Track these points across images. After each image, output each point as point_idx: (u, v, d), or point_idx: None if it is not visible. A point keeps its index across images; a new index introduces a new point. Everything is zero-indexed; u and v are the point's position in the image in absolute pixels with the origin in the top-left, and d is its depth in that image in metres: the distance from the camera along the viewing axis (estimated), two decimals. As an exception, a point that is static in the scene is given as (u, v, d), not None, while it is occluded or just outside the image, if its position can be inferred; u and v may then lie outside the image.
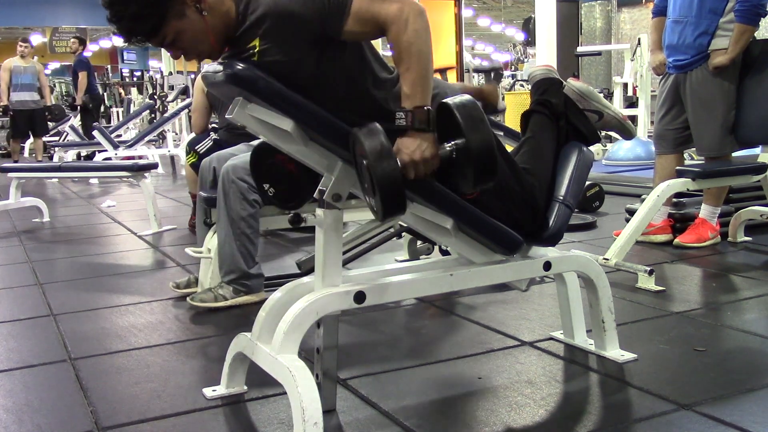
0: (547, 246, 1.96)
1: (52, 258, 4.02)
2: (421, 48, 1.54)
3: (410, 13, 1.54)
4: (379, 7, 1.55)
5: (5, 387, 2.09)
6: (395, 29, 1.54)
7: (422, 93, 1.54)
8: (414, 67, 1.54)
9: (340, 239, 1.70)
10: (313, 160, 1.64)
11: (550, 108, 2.07)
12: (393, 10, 1.54)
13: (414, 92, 1.54)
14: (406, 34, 1.53)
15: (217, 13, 1.60)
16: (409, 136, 1.53)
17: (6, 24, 20.73)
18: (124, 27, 1.57)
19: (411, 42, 1.53)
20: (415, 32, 1.53)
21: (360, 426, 1.74)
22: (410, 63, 1.54)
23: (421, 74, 1.54)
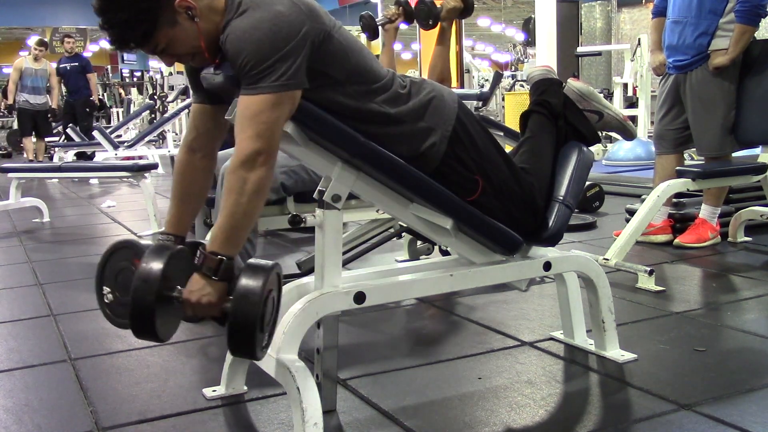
0: (547, 246, 1.96)
1: (52, 258, 4.02)
2: (241, 201, 1.46)
3: (264, 160, 1.46)
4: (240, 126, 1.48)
5: (5, 387, 2.09)
6: (235, 161, 1.47)
7: (224, 242, 1.49)
8: (226, 213, 1.48)
9: (340, 239, 1.70)
10: (312, 160, 1.64)
11: (549, 108, 2.07)
12: (241, 143, 1.47)
13: (215, 237, 1.49)
14: (233, 175, 1.46)
15: (208, 19, 1.57)
16: (197, 275, 1.49)
17: (6, 24, 20.74)
18: (116, 34, 1.55)
19: (232, 187, 1.47)
20: (241, 180, 1.46)
21: (360, 426, 1.74)
22: (225, 207, 1.48)
23: (229, 223, 1.48)
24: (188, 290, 1.48)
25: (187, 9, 1.54)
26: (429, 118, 1.71)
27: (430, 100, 1.73)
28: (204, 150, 1.76)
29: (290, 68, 1.48)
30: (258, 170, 1.47)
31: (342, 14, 17.02)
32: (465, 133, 1.75)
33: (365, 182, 1.68)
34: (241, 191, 1.47)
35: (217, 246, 1.49)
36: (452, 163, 1.73)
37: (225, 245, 1.49)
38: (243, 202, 1.47)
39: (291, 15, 1.50)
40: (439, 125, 1.71)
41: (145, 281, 1.43)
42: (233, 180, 1.47)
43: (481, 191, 1.76)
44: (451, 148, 1.72)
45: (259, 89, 1.47)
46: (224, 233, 1.49)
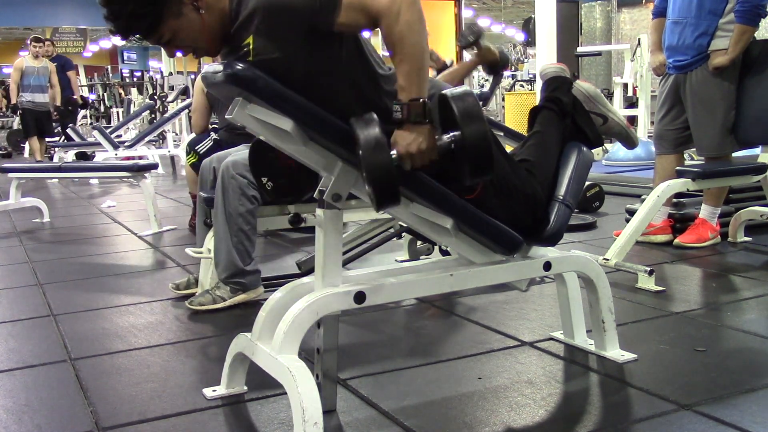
0: (547, 246, 1.96)
1: (52, 258, 4.02)
2: (414, 40, 1.52)
3: (402, 3, 1.51)
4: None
5: (5, 387, 2.09)
6: (387, 21, 1.52)
7: (418, 85, 1.53)
8: (407, 60, 1.52)
9: (340, 239, 1.70)
10: (312, 160, 1.64)
11: (560, 106, 2.08)
12: (385, 2, 1.51)
13: (409, 84, 1.53)
14: (398, 25, 1.51)
15: (213, 10, 1.59)
16: (405, 128, 1.53)
17: (6, 24, 20.73)
18: (122, 25, 1.57)
19: (404, 34, 1.51)
20: (407, 23, 1.51)
21: (360, 426, 1.74)
22: (404, 55, 1.52)
23: (416, 66, 1.53)
24: (403, 145, 1.52)
25: (193, 1, 1.56)
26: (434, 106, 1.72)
27: (430, 97, 1.73)
28: None
29: None
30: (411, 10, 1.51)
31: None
32: None
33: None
34: (411, 32, 1.51)
35: (414, 92, 1.53)
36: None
37: (420, 87, 1.53)
38: (419, 41, 1.52)
39: None
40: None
41: (375, 149, 1.45)
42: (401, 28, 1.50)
43: (481, 189, 1.76)
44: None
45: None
46: (415, 77, 1.52)
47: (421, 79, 1.54)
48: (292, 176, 1.88)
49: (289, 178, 1.90)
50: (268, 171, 1.91)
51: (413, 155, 1.53)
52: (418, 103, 1.52)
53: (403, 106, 1.53)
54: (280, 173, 1.90)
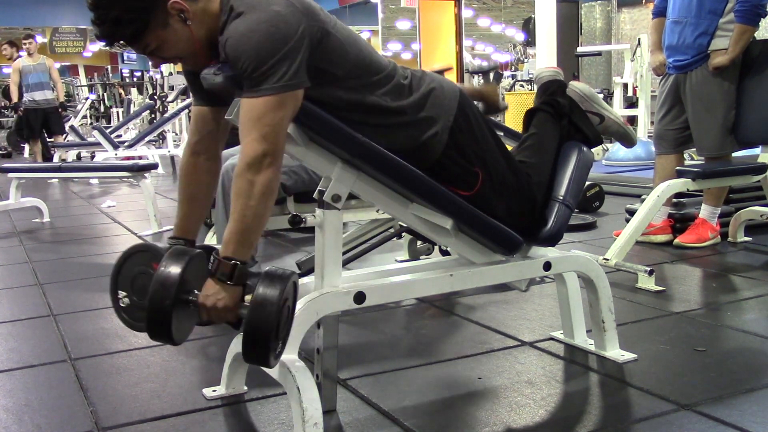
0: (547, 246, 1.96)
1: (52, 258, 4.02)
2: (250, 203, 1.46)
3: (270, 162, 1.46)
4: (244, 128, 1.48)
5: (5, 387, 2.09)
6: (238, 168, 1.47)
7: (236, 246, 1.48)
8: (236, 218, 1.47)
9: (340, 239, 1.70)
10: (312, 160, 1.64)
11: (556, 107, 2.08)
12: (254, 147, 1.46)
13: (228, 242, 1.48)
14: (240, 179, 1.46)
15: (202, 22, 1.56)
16: (212, 280, 1.48)
17: (6, 24, 20.72)
18: (106, 31, 1.54)
19: (240, 191, 1.46)
20: (249, 183, 1.45)
21: (360, 426, 1.74)
22: (235, 211, 1.47)
23: (240, 228, 1.48)
24: (204, 295, 1.47)
25: (180, 12, 1.53)
26: (430, 108, 1.71)
27: (430, 91, 1.73)
28: (208, 152, 1.76)
29: (291, 68, 1.48)
30: (265, 172, 1.46)
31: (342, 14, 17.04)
32: (466, 124, 1.75)
33: (365, 182, 1.68)
34: (249, 195, 1.46)
35: (230, 251, 1.48)
36: (453, 154, 1.72)
37: (238, 249, 1.48)
38: (252, 205, 1.47)
39: (288, 14, 1.50)
40: (440, 115, 1.71)
41: (162, 285, 1.42)
42: (241, 184, 1.47)
43: (480, 184, 1.76)
44: (453, 139, 1.72)
45: (261, 91, 1.47)
46: (236, 237, 1.48)
47: (243, 243, 1.48)
48: None
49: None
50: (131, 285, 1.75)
51: (209, 309, 1.47)
52: (228, 264, 1.47)
53: (215, 260, 1.49)
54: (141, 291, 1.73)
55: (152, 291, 1.43)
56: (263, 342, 1.42)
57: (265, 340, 1.42)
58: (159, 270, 1.44)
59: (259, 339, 1.42)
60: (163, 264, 1.44)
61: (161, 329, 1.44)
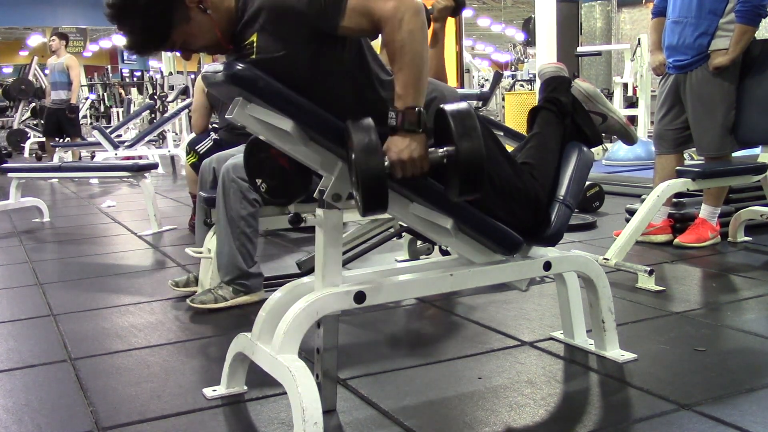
0: (547, 246, 1.96)
1: (52, 258, 4.02)
2: (414, 48, 1.52)
3: (406, 11, 1.51)
4: (375, 3, 1.53)
5: (5, 387, 2.09)
6: (389, 28, 1.52)
7: (414, 94, 1.53)
8: (407, 68, 1.52)
9: (340, 239, 1.70)
10: (312, 160, 1.64)
11: (559, 106, 2.08)
12: (389, 8, 1.51)
13: (406, 93, 1.53)
14: (400, 33, 1.51)
15: (220, 9, 1.61)
16: (398, 135, 1.53)
17: (6, 24, 20.74)
18: (136, 41, 1.59)
19: (404, 42, 1.51)
20: (409, 32, 1.51)
21: (360, 426, 1.74)
22: (403, 63, 1.52)
23: (414, 75, 1.53)
24: (395, 152, 1.51)
25: (198, 3, 1.57)
26: (429, 117, 1.71)
27: (431, 101, 1.73)
28: None
29: None
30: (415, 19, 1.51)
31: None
32: None
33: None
34: (412, 42, 1.51)
35: (410, 100, 1.53)
36: None
37: (417, 96, 1.53)
38: (418, 50, 1.52)
39: None
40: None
41: (367, 152, 1.45)
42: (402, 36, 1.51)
43: None
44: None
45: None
46: (412, 86, 1.52)
47: (419, 89, 1.54)
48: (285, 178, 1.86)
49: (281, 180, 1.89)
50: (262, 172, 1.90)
51: (404, 163, 1.52)
52: (413, 112, 1.52)
53: (398, 113, 1.53)
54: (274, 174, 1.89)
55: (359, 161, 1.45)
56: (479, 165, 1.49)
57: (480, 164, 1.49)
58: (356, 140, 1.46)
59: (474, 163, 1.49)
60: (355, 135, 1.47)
61: (379, 196, 1.48)
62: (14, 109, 13.91)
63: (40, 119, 13.36)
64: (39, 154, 11.08)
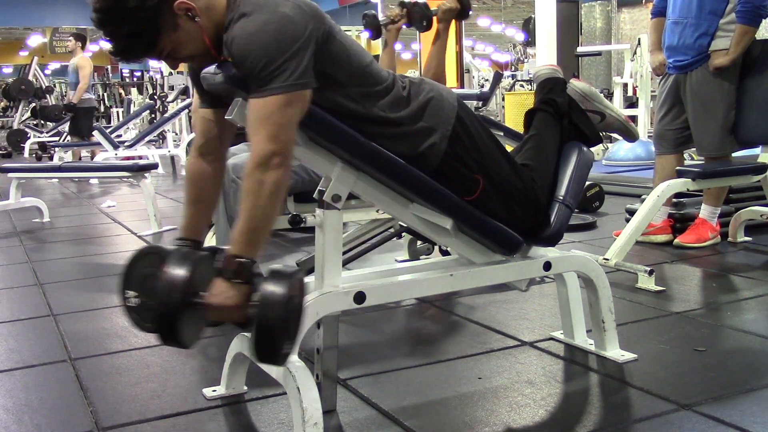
0: (547, 246, 1.96)
1: (52, 258, 4.02)
2: (258, 202, 1.47)
3: (279, 162, 1.46)
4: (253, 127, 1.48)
5: (5, 387, 2.09)
6: (252, 163, 1.47)
7: (245, 244, 1.48)
8: (246, 216, 1.49)
9: (340, 239, 1.70)
10: (312, 160, 1.64)
11: (555, 107, 2.08)
12: (257, 143, 1.47)
13: (239, 239, 1.49)
14: (250, 178, 1.47)
15: (208, 17, 1.57)
16: (221, 279, 1.47)
17: (6, 24, 20.73)
18: (121, 47, 1.55)
19: (250, 190, 1.47)
20: (258, 182, 1.46)
21: (360, 426, 1.74)
22: (245, 209, 1.48)
23: (250, 226, 1.49)
24: (212, 294, 1.47)
25: (187, 11, 1.53)
26: (428, 118, 1.71)
27: (428, 101, 1.73)
28: (214, 154, 1.76)
29: (298, 68, 1.48)
30: (274, 171, 1.46)
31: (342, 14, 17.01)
32: (465, 132, 1.75)
33: (365, 182, 1.68)
34: (258, 194, 1.47)
35: (237, 249, 1.48)
36: (452, 163, 1.72)
37: (246, 248, 1.49)
38: (261, 204, 1.47)
39: (296, 16, 1.50)
40: (438, 125, 1.71)
41: (170, 286, 1.42)
42: (250, 183, 1.47)
43: (481, 190, 1.76)
44: (451, 148, 1.72)
45: (269, 90, 1.47)
46: (244, 236, 1.49)
47: (252, 241, 1.49)
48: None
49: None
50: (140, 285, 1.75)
51: (217, 308, 1.46)
52: (235, 262, 1.47)
53: (225, 257, 1.49)
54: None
55: (160, 293, 1.42)
56: (273, 340, 1.42)
57: (275, 338, 1.42)
58: (166, 271, 1.43)
59: (269, 336, 1.42)
60: (169, 265, 1.44)
61: (171, 331, 1.43)
62: (14, 109, 13.91)
63: (40, 119, 13.39)
64: (39, 154, 11.08)
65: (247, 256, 1.48)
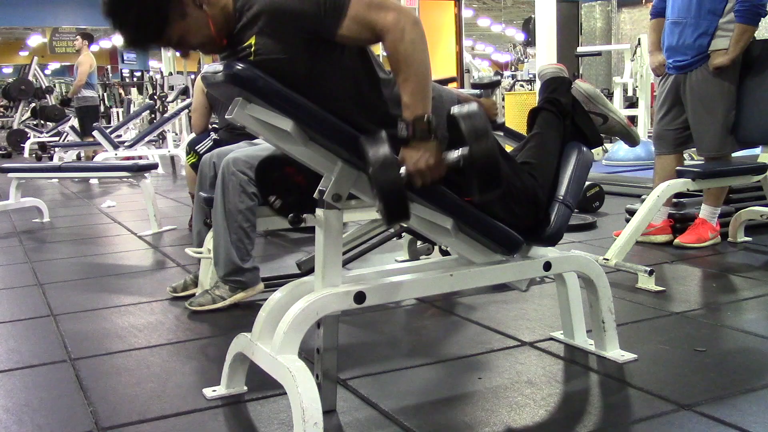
0: (547, 246, 1.96)
1: (52, 258, 4.02)
2: (418, 58, 1.55)
3: (407, 22, 1.54)
4: (376, 14, 1.55)
5: (5, 387, 2.09)
6: (392, 38, 1.54)
7: (422, 102, 1.55)
8: (412, 78, 1.55)
9: (340, 239, 1.70)
10: (312, 160, 1.64)
11: (558, 107, 2.08)
12: (390, 19, 1.54)
13: (414, 102, 1.55)
14: (402, 43, 1.54)
15: (216, 4, 1.60)
16: (412, 146, 1.54)
17: (6, 24, 20.72)
18: (129, 34, 1.58)
19: (408, 52, 1.54)
20: (411, 42, 1.54)
21: (360, 426, 1.74)
22: (408, 73, 1.54)
23: (420, 84, 1.55)
24: (411, 162, 1.53)
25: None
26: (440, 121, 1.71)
27: (436, 108, 1.72)
28: None
29: None
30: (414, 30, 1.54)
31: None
32: None
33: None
34: (414, 52, 1.54)
35: (419, 109, 1.54)
36: None
37: (425, 104, 1.55)
38: (420, 60, 1.55)
39: None
40: (438, 125, 1.71)
41: (385, 167, 1.47)
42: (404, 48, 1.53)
43: None
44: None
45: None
46: (416, 95, 1.54)
47: (425, 97, 1.56)
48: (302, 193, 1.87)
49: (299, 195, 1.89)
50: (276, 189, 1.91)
51: (422, 172, 1.54)
52: (423, 121, 1.54)
53: (408, 124, 1.55)
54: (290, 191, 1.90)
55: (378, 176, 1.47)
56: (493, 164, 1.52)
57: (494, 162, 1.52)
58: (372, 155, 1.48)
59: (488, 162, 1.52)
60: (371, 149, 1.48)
61: (400, 207, 1.50)
62: (14, 109, 13.92)
63: (41, 119, 13.39)
64: (39, 154, 11.08)
65: (427, 113, 1.55)
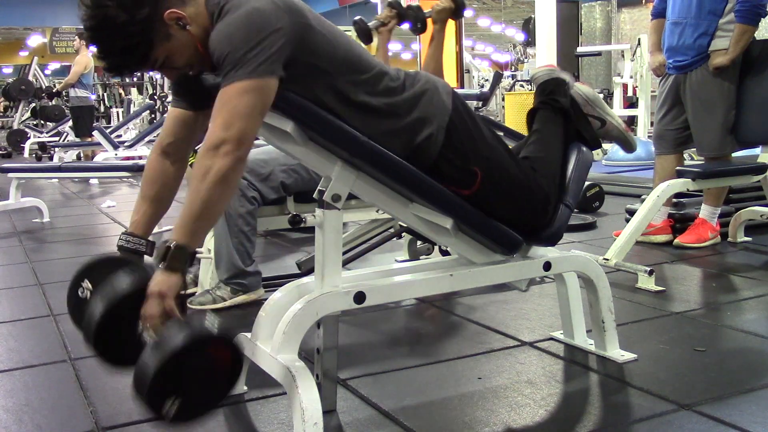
0: (547, 246, 1.96)
1: (52, 258, 4.02)
2: (202, 188, 1.42)
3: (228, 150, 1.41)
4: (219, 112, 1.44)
5: (5, 387, 2.09)
6: (201, 150, 1.44)
7: (183, 232, 1.43)
8: (187, 201, 1.44)
9: (340, 239, 1.70)
10: (312, 160, 1.64)
11: (556, 104, 2.07)
12: (219, 133, 1.42)
13: (177, 225, 1.44)
14: (205, 159, 1.42)
15: (199, 24, 1.57)
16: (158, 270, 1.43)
17: (6, 24, 20.73)
18: (115, 62, 1.55)
19: (198, 176, 1.42)
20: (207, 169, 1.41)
21: (360, 426, 1.74)
22: (189, 195, 1.43)
23: (188, 212, 1.43)
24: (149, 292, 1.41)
25: (177, 20, 1.53)
26: (423, 109, 1.69)
27: (423, 92, 1.71)
28: (177, 155, 1.73)
29: (261, 56, 1.45)
30: (221, 159, 1.41)
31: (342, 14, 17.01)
32: (462, 125, 1.74)
33: (365, 182, 1.68)
34: (201, 179, 1.42)
35: (175, 235, 1.43)
36: (450, 156, 1.70)
37: (183, 235, 1.43)
38: (202, 189, 1.42)
39: (267, 10, 1.49)
40: (434, 116, 1.70)
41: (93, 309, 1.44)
42: (197, 167, 1.43)
43: (480, 183, 1.74)
44: (449, 140, 1.70)
45: (230, 78, 1.45)
46: (181, 220, 1.44)
47: (185, 226, 1.44)
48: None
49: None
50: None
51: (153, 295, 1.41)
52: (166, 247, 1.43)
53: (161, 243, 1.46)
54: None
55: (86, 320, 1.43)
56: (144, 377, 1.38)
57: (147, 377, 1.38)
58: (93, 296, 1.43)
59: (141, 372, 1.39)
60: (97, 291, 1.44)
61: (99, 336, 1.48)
62: (14, 109, 13.91)
63: (41, 119, 13.40)
64: (39, 154, 11.09)
65: (179, 242, 1.42)
